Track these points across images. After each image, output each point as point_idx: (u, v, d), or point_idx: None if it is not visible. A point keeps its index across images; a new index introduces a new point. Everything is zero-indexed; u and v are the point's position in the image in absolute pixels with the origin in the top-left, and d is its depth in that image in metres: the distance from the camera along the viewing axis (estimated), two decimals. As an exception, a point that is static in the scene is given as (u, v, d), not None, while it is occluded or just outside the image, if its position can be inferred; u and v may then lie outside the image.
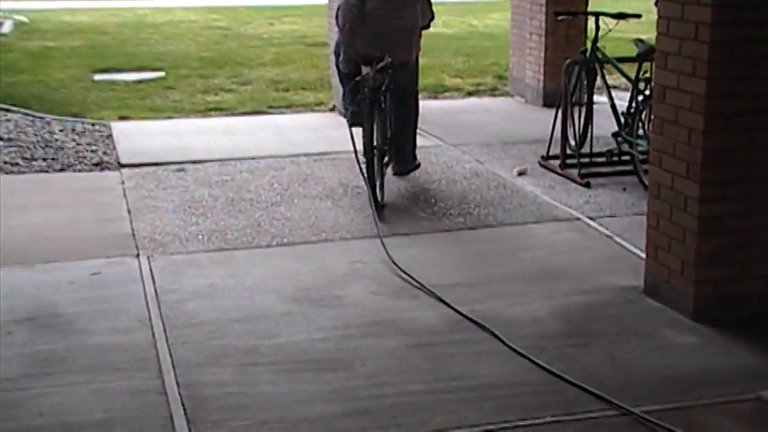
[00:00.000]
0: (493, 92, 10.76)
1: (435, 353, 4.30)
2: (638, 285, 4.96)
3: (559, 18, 8.24)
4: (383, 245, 5.60)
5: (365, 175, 6.40)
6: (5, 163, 7.56)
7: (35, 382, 3.99)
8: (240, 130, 8.83)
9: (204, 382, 4.00)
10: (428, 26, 7.25)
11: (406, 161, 7.13)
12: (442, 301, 4.82)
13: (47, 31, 15.93)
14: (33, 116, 9.23)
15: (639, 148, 6.73)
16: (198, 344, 4.37)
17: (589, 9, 8.78)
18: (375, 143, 6.46)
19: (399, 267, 5.26)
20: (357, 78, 6.60)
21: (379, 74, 6.53)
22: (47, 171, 7.43)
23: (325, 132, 8.77)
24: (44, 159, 7.68)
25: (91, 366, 4.14)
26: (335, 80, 9.65)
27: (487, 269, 5.27)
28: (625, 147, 7.05)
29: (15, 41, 14.57)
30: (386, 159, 6.73)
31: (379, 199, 6.38)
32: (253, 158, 7.69)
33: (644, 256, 5.01)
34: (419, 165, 7.23)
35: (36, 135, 8.47)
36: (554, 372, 4.03)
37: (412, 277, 5.12)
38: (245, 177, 7.17)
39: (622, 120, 7.05)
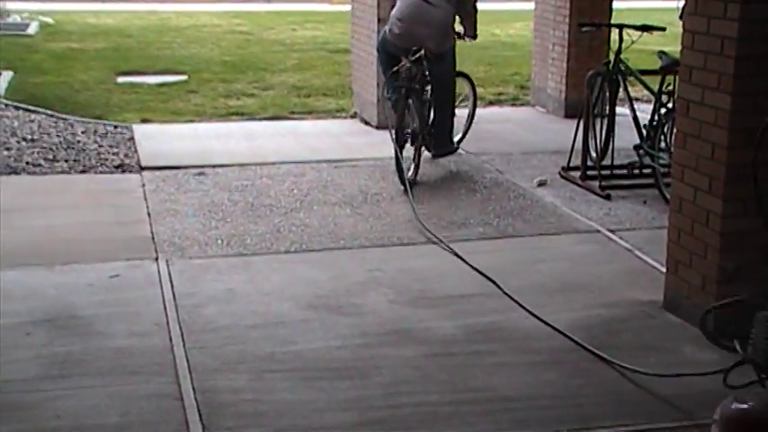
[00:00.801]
0: (514, 102, 10.74)
1: (453, 363, 4.29)
2: (657, 300, 4.93)
3: (583, 29, 8.21)
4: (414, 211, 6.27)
5: (396, 157, 7.02)
6: (28, 163, 7.61)
7: (52, 383, 4.00)
8: (261, 135, 8.85)
9: (220, 388, 4.00)
10: (474, 28, 7.91)
11: (443, 145, 7.75)
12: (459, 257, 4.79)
13: (71, 32, 16.04)
14: (56, 117, 9.28)
15: (661, 162, 6.69)
16: (215, 349, 4.37)
17: (613, 21, 8.75)
18: (409, 128, 7.16)
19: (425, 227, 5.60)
20: (395, 68, 7.29)
21: (414, 64, 7.19)
22: (68, 172, 7.46)
23: (346, 139, 8.78)
24: (66, 161, 7.72)
25: (108, 369, 4.15)
26: (357, 87, 9.68)
27: (506, 280, 5.24)
28: (647, 160, 7.01)
29: (40, 43, 14.67)
30: (422, 142, 7.29)
31: (414, 177, 7.08)
32: (273, 164, 7.70)
33: (664, 270, 4.98)
34: (457, 149, 7.95)
35: (59, 136, 8.51)
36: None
37: (438, 237, 5.11)
38: (264, 183, 7.18)
39: (644, 132, 7.02)
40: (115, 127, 8.99)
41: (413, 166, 7.13)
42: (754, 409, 2.48)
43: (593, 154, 7.29)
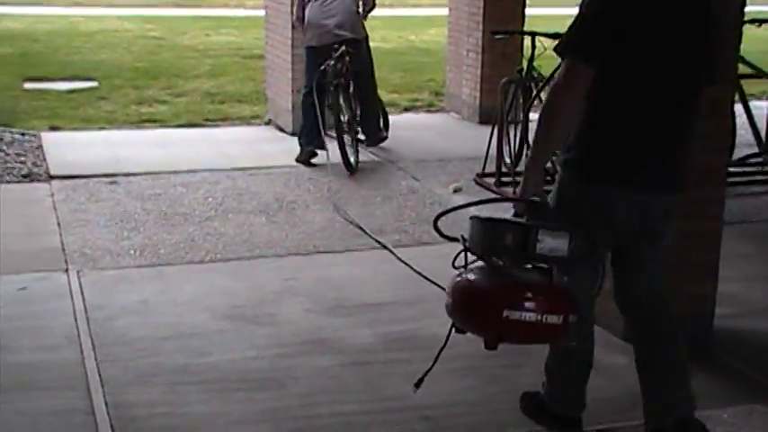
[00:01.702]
0: (429, 108, 10.81)
1: (369, 372, 4.29)
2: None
3: (496, 37, 8.31)
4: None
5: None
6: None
7: (-44, 401, 3.88)
8: (175, 143, 8.73)
9: (133, 402, 3.93)
10: (368, 12, 8.29)
11: (374, 134, 8.37)
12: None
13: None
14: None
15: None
16: (128, 362, 4.29)
17: (526, 28, 8.86)
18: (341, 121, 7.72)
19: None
20: (321, 67, 7.74)
21: (338, 60, 7.69)
22: (-27, 182, 7.26)
23: (261, 146, 8.72)
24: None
25: (15, 385, 4.04)
26: (271, 93, 9.62)
27: (422, 287, 5.26)
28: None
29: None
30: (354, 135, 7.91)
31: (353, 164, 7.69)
32: (187, 172, 7.60)
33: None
34: (386, 137, 8.50)
35: (-38, 144, 8.26)
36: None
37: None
38: (178, 191, 7.08)
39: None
40: (23, 134, 8.76)
41: (352, 159, 7.72)
42: (473, 279, 3.29)
43: (508, 160, 7.37)
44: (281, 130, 9.27)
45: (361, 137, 8.23)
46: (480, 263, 3.30)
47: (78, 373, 4.16)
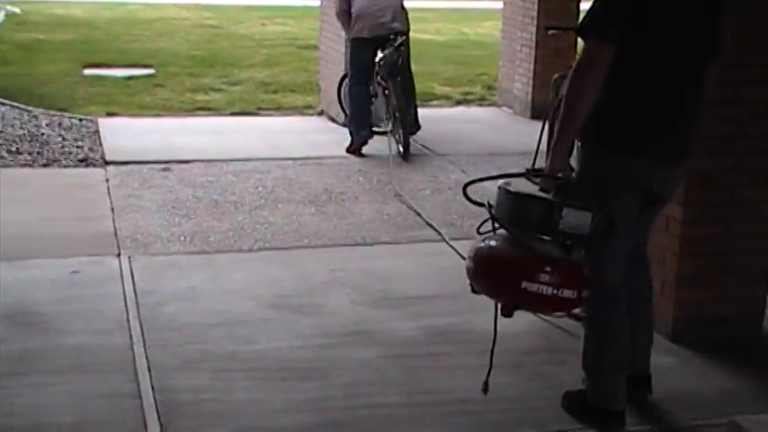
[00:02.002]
0: (481, 102, 10.80)
1: (412, 365, 4.30)
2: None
3: (550, 32, 8.26)
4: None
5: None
6: (-11, 156, 7.55)
7: (9, 381, 3.97)
8: (227, 131, 8.83)
9: (179, 387, 3.99)
10: None
11: (416, 122, 8.37)
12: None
13: (39, 23, 15.89)
14: (21, 109, 9.20)
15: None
16: (175, 348, 4.36)
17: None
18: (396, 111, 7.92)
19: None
20: (378, 58, 7.93)
21: (395, 51, 7.84)
22: (31, 165, 7.41)
23: (313, 137, 8.78)
24: (29, 153, 7.66)
25: (66, 367, 4.12)
26: (324, 84, 9.67)
27: (467, 283, 5.26)
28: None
29: (6, 33, 14.53)
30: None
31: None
32: (239, 160, 7.69)
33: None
34: (420, 128, 8.44)
35: (23, 128, 8.45)
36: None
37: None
38: (230, 179, 7.16)
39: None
40: (80, 120, 8.93)
41: (401, 146, 7.91)
42: (495, 247, 3.50)
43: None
44: (333, 120, 9.32)
45: None
46: (503, 232, 3.49)
47: (127, 357, 4.24)
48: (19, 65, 11.76)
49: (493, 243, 3.51)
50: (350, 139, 8.08)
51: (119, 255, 5.50)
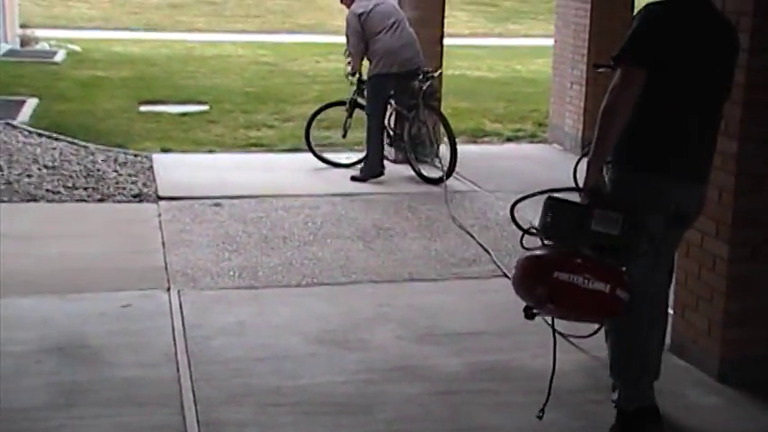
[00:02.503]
0: (532, 138, 10.79)
1: (456, 401, 4.31)
2: (665, 343, 4.92)
3: (599, 70, 8.25)
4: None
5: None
6: (48, 191, 7.72)
7: (59, 412, 4.06)
8: (279, 167, 8.93)
9: (224, 421, 4.04)
10: None
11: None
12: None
13: (98, 60, 16.25)
14: (78, 145, 9.41)
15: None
16: (221, 381, 4.41)
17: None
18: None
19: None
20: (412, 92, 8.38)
21: (429, 85, 8.35)
22: (87, 200, 7.56)
23: (363, 173, 8.82)
24: (85, 189, 7.82)
25: (114, 400, 4.20)
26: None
27: (514, 319, 5.22)
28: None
29: (67, 70, 14.88)
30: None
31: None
32: (289, 196, 7.77)
33: (672, 313, 4.98)
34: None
35: (79, 164, 8.63)
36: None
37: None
38: (280, 215, 7.24)
39: None
40: (135, 156, 9.10)
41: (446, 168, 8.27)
42: (536, 253, 3.83)
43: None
44: (384, 157, 9.36)
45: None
46: (544, 245, 3.83)
47: (174, 390, 4.30)
48: (78, 101, 12.04)
49: (533, 252, 3.85)
50: (362, 169, 8.46)
51: (168, 289, 5.59)
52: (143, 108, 11.85)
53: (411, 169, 8.54)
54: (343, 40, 8.71)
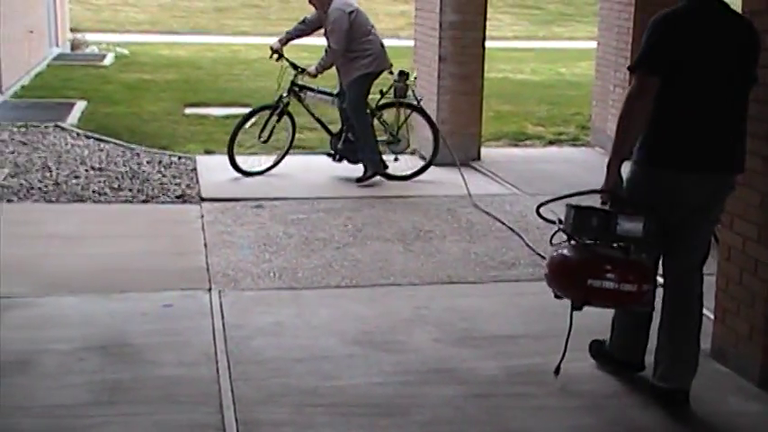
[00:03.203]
0: (574, 142, 10.74)
1: (493, 404, 4.31)
2: (704, 348, 4.86)
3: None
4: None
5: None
6: (94, 192, 7.85)
7: (100, 410, 4.13)
8: (319, 169, 8.96)
9: (262, 421, 4.08)
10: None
11: None
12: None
13: (145, 63, 16.46)
14: (124, 147, 9.55)
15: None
16: (259, 381, 4.46)
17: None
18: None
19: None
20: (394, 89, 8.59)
21: (402, 81, 8.61)
22: (131, 202, 7.67)
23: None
24: (130, 190, 7.94)
25: (155, 398, 4.26)
26: (416, 124, 9.77)
27: (552, 322, 5.23)
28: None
29: (114, 73, 15.10)
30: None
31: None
32: (329, 198, 7.82)
33: (712, 318, 4.94)
34: None
35: (125, 166, 8.76)
36: None
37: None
38: (320, 217, 7.29)
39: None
40: (179, 158, 9.21)
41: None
42: (565, 254, 4.19)
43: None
44: (424, 158, 9.39)
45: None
46: (572, 242, 4.15)
47: (213, 389, 4.36)
48: (125, 104, 12.21)
49: (563, 252, 4.18)
50: (364, 170, 8.46)
51: (210, 289, 5.65)
52: (188, 111, 11.98)
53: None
54: (388, 43, 8.78)
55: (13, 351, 4.68)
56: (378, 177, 8.47)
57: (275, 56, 8.78)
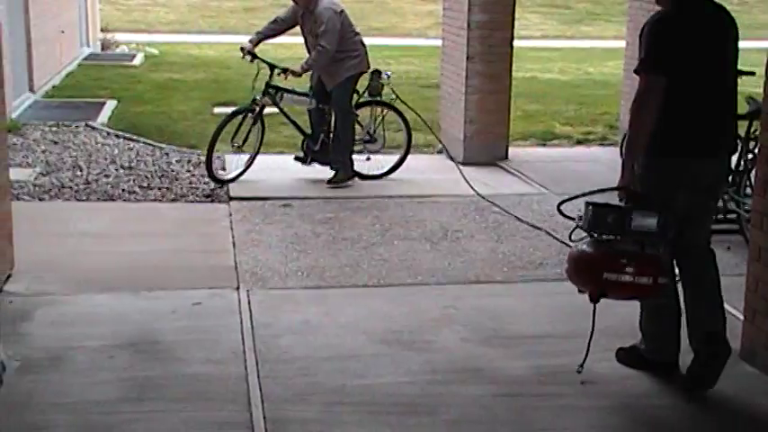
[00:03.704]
0: (602, 141, 10.70)
1: (521, 404, 4.32)
2: (734, 349, 4.85)
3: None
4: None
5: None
6: (124, 191, 7.92)
7: (130, 406, 4.17)
8: (348, 169, 8.98)
9: (290, 419, 4.11)
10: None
11: None
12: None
13: (174, 63, 16.57)
14: (154, 146, 9.63)
15: (746, 208, 6.60)
16: (287, 380, 4.48)
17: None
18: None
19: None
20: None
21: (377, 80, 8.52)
22: (160, 200, 7.73)
23: (431, 175, 8.87)
24: (159, 189, 8.00)
25: (184, 395, 4.30)
26: (444, 123, 9.78)
27: (580, 322, 5.21)
28: (731, 205, 6.92)
29: (144, 73, 15.21)
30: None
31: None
32: (357, 198, 7.84)
33: (742, 318, 4.92)
34: None
35: (154, 165, 8.83)
36: None
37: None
38: (348, 216, 7.32)
39: (729, 178, 6.93)
40: (208, 157, 9.24)
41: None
42: (582, 249, 4.39)
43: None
44: (452, 159, 9.40)
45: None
46: (590, 238, 4.35)
47: (241, 387, 4.39)
48: (154, 103, 12.30)
49: (581, 247, 4.38)
50: (335, 172, 8.26)
51: (238, 288, 5.69)
52: (217, 110, 12.03)
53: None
54: (416, 42, 8.82)
55: (46, 348, 4.74)
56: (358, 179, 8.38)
57: (248, 57, 8.47)
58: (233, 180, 8.18)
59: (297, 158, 8.62)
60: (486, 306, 5.50)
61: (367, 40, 8.69)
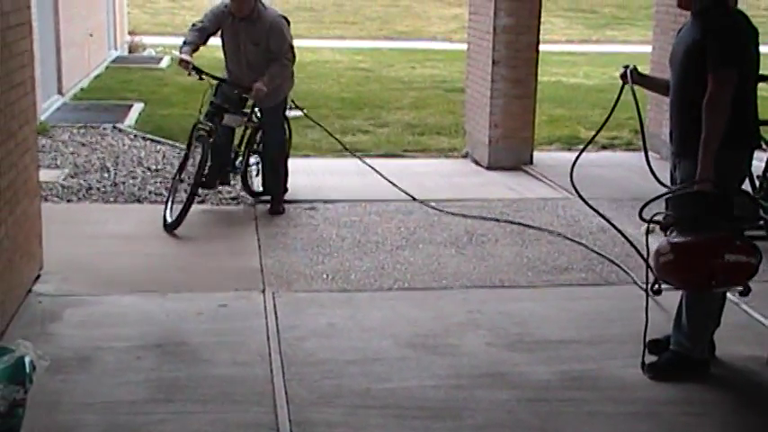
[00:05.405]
0: (628, 146, 10.66)
1: (545, 409, 4.31)
2: (761, 356, 4.85)
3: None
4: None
5: None
6: (150, 193, 7.98)
7: (157, 407, 4.21)
8: (373, 172, 8.99)
9: (315, 421, 4.13)
10: None
11: None
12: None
13: (200, 66, 16.61)
14: (180, 148, 9.67)
15: (774, 214, 6.55)
16: (313, 382, 4.50)
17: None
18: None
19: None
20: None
21: None
22: (187, 203, 7.76)
23: (456, 179, 8.88)
24: (185, 191, 8.02)
25: (210, 396, 4.33)
26: (470, 126, 9.78)
27: (605, 328, 5.24)
28: (760, 211, 6.86)
29: (171, 76, 15.29)
30: None
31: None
32: (382, 201, 7.85)
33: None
34: None
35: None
36: None
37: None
38: (373, 219, 7.33)
39: (757, 183, 6.89)
40: (234, 159, 9.29)
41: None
42: (688, 238, 4.44)
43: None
44: (477, 163, 9.41)
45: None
46: (674, 233, 4.52)
47: (267, 389, 4.41)
48: (180, 106, 12.36)
49: (679, 238, 4.47)
50: (271, 202, 7.55)
51: (263, 290, 5.72)
52: (242, 113, 12.08)
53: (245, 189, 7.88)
54: (440, 46, 8.79)
55: (74, 348, 4.79)
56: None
57: (193, 72, 7.54)
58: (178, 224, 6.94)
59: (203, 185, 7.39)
60: (511, 311, 5.50)
61: (392, 44, 8.74)
